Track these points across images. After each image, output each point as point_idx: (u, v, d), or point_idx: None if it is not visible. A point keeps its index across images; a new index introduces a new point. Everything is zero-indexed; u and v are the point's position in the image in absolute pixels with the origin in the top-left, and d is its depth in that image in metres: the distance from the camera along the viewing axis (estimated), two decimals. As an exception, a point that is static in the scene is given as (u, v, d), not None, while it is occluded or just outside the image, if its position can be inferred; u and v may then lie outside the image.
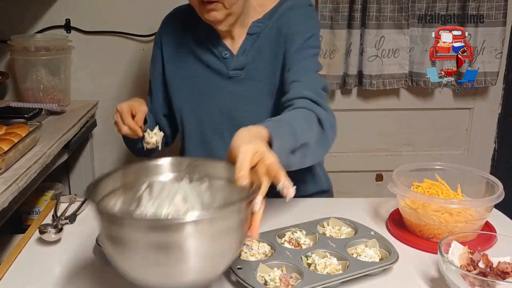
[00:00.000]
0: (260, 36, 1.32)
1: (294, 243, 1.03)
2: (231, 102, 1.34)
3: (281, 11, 1.32)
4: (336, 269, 0.94)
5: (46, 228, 1.05)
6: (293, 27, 1.30)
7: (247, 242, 1.01)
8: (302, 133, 1.03)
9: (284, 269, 0.94)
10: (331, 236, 1.07)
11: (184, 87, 1.38)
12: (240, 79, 1.33)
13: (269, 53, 1.31)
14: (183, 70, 1.38)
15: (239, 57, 1.33)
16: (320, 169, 1.46)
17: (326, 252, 0.99)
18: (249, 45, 1.32)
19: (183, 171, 0.93)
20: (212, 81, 1.35)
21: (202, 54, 1.36)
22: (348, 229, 1.09)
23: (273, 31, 1.31)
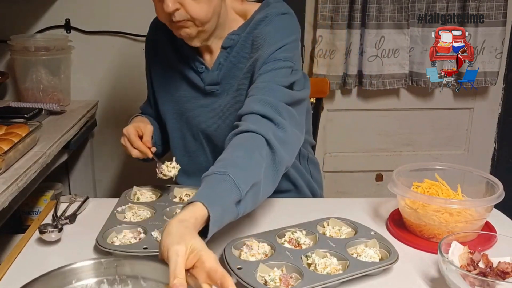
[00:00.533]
0: (234, 49, 1.27)
1: (294, 243, 1.03)
2: (206, 117, 1.32)
3: (254, 22, 1.25)
4: (336, 269, 0.94)
5: (46, 228, 1.05)
6: (262, 39, 1.22)
7: (247, 242, 1.01)
8: (246, 177, 0.95)
9: (284, 269, 0.94)
10: (331, 236, 1.07)
11: (166, 97, 1.37)
12: (217, 94, 1.30)
13: (244, 67, 1.26)
14: (165, 82, 1.37)
15: (214, 71, 1.28)
16: (302, 178, 1.40)
17: (326, 252, 0.99)
18: (224, 59, 1.27)
19: (102, 274, 0.84)
20: (190, 95, 1.33)
21: (182, 67, 1.33)
22: (348, 229, 1.09)
23: (247, 43, 1.26)
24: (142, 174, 2.24)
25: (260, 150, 1.03)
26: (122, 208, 1.15)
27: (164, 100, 1.38)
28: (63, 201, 1.24)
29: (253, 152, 1.01)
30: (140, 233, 1.06)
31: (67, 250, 1.05)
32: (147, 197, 1.24)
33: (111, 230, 1.06)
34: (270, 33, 1.21)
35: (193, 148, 1.37)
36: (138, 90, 2.09)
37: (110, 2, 2.03)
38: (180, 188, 1.27)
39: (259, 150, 1.02)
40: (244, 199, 0.95)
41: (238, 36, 1.26)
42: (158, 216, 1.12)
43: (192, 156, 1.38)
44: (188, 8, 1.15)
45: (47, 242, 1.06)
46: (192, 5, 1.15)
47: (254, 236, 1.03)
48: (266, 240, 1.02)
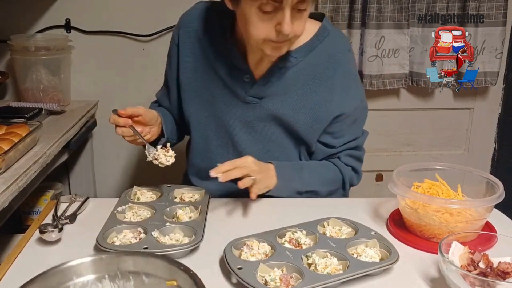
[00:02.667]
0: (289, 71, 1.25)
1: (295, 243, 1.03)
2: (238, 126, 1.31)
3: (319, 54, 1.25)
4: (337, 269, 0.94)
5: (46, 228, 1.05)
6: (340, 87, 1.27)
7: (247, 242, 1.01)
8: (310, 184, 1.31)
9: (285, 269, 0.94)
10: (332, 236, 1.07)
11: (196, 97, 1.33)
12: (255, 106, 1.28)
13: (294, 91, 1.26)
14: (198, 80, 1.32)
15: (261, 86, 1.26)
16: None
17: (327, 252, 0.99)
18: (276, 77, 1.25)
19: (103, 270, 0.87)
20: (226, 99, 1.30)
21: (221, 69, 1.29)
22: (348, 229, 1.09)
23: (306, 72, 1.26)
24: (142, 174, 2.25)
25: (337, 184, 1.37)
26: (122, 208, 1.15)
27: (192, 99, 1.34)
28: (63, 201, 1.24)
29: (330, 181, 1.35)
30: (140, 233, 1.06)
31: (67, 250, 1.05)
32: (147, 197, 1.24)
33: (111, 230, 1.06)
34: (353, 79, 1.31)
35: (216, 152, 1.35)
36: (138, 90, 2.09)
37: (110, 2, 2.03)
38: (180, 189, 1.27)
39: (335, 183, 1.36)
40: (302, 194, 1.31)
41: (296, 59, 1.25)
42: (158, 216, 1.12)
43: (213, 159, 1.33)
44: (296, 27, 1.11)
45: (47, 242, 1.06)
46: (300, 23, 1.12)
47: (254, 236, 1.03)
48: (267, 240, 1.02)
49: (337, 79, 1.27)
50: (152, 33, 2.06)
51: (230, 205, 1.27)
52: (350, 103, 1.30)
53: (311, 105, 1.28)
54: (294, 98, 1.27)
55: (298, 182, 1.29)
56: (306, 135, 1.31)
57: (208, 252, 1.04)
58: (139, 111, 1.20)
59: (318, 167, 1.34)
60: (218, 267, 0.99)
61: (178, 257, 1.01)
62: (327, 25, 1.29)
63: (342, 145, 1.34)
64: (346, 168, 1.36)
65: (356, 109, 1.32)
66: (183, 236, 1.06)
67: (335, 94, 1.28)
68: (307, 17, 1.14)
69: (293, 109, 1.28)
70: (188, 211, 1.15)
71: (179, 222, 1.10)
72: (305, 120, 1.28)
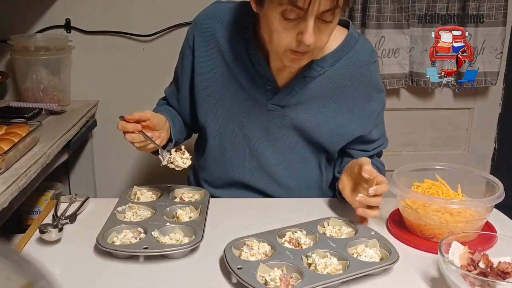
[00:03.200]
0: (314, 80, 1.22)
1: (295, 243, 1.03)
2: (258, 133, 1.27)
3: (345, 64, 1.22)
4: (337, 269, 0.94)
5: (46, 228, 1.05)
6: (368, 93, 1.27)
7: (247, 242, 1.01)
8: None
9: (285, 269, 0.94)
10: (332, 236, 1.07)
11: (212, 101, 1.27)
12: (277, 114, 1.24)
13: (319, 100, 1.24)
14: (215, 85, 1.26)
15: (284, 94, 1.22)
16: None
17: (327, 252, 0.99)
18: (300, 86, 1.22)
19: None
20: (246, 106, 1.25)
21: (242, 75, 1.23)
22: (348, 229, 1.09)
23: (331, 82, 1.23)
24: (143, 174, 2.25)
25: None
26: (122, 208, 1.15)
27: (208, 104, 1.28)
28: (63, 201, 1.24)
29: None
30: (141, 232, 1.06)
31: (67, 250, 1.05)
32: (147, 197, 1.24)
33: (112, 230, 1.06)
34: (375, 87, 1.30)
35: (232, 160, 1.32)
36: (138, 90, 2.09)
37: (110, 2, 2.03)
38: (180, 189, 1.27)
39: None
40: None
41: (322, 68, 1.21)
42: (158, 216, 1.12)
43: (228, 167, 1.33)
44: (317, 39, 1.06)
45: (47, 242, 1.06)
46: (322, 36, 1.07)
47: (254, 236, 1.03)
48: (267, 240, 1.02)
49: (360, 91, 1.26)
50: (152, 33, 2.06)
51: (230, 205, 1.27)
52: (373, 115, 1.31)
53: (334, 116, 1.26)
54: (317, 108, 1.24)
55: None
56: (328, 145, 1.29)
57: (208, 252, 1.04)
58: (146, 115, 1.14)
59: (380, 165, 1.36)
60: (218, 267, 0.99)
61: (178, 257, 1.01)
62: (354, 33, 1.25)
63: (374, 149, 1.36)
64: (379, 164, 1.37)
65: (379, 116, 1.33)
66: (183, 236, 1.06)
67: (356, 110, 1.27)
68: (333, 29, 1.09)
69: (316, 119, 1.25)
70: (188, 211, 1.15)
71: (179, 222, 1.10)
72: (327, 130, 1.26)
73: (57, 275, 0.99)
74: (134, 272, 0.97)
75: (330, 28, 1.08)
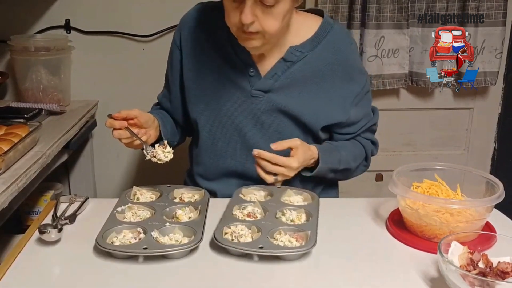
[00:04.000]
0: (295, 64, 1.29)
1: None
2: (246, 121, 1.32)
3: (324, 48, 1.29)
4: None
5: (46, 228, 1.05)
6: (349, 74, 1.32)
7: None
8: (346, 162, 1.35)
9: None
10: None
11: (201, 96, 1.34)
12: (261, 100, 1.30)
13: (299, 84, 1.29)
14: (202, 80, 1.33)
15: (267, 80, 1.29)
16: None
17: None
18: (281, 71, 1.28)
19: None
20: (231, 96, 1.31)
21: (226, 67, 1.31)
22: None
23: (312, 66, 1.29)
24: (142, 174, 2.25)
25: (361, 158, 1.42)
26: (122, 208, 1.15)
27: (197, 98, 1.34)
28: (63, 201, 1.24)
29: (358, 157, 1.41)
30: (140, 233, 1.06)
31: (66, 250, 1.05)
32: (147, 197, 1.24)
33: (111, 230, 1.05)
34: (354, 69, 1.34)
35: (223, 150, 1.35)
36: (138, 90, 2.09)
37: (110, 2, 2.03)
38: (180, 189, 1.27)
39: (361, 158, 1.42)
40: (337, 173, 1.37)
41: (302, 53, 1.29)
42: (157, 216, 1.12)
43: (220, 158, 1.36)
44: (262, 22, 1.14)
45: (47, 242, 1.06)
46: (268, 20, 1.14)
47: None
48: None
49: (339, 73, 1.31)
50: (152, 33, 2.06)
51: (229, 205, 1.27)
52: (350, 97, 1.33)
53: (315, 97, 1.30)
54: (299, 91, 1.30)
55: (337, 161, 1.34)
56: (312, 126, 1.33)
57: (207, 252, 1.04)
58: (133, 113, 1.21)
59: (348, 145, 1.39)
60: (217, 267, 0.99)
61: (178, 257, 1.01)
62: (329, 20, 1.33)
63: (359, 129, 1.40)
64: (366, 141, 1.42)
65: (357, 96, 1.35)
66: (183, 236, 1.06)
67: (335, 92, 1.31)
68: (281, 15, 1.15)
69: (299, 102, 1.30)
70: (188, 211, 1.15)
71: (179, 222, 1.10)
72: (310, 112, 1.31)
73: (57, 275, 0.99)
74: (134, 272, 0.97)
75: (276, 13, 1.14)
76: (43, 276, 0.97)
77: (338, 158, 1.34)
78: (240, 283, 0.95)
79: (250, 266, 0.99)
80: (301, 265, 1.00)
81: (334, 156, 1.33)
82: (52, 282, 0.96)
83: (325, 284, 0.95)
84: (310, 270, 0.98)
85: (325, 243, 1.05)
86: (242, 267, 0.99)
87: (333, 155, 1.33)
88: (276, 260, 1.00)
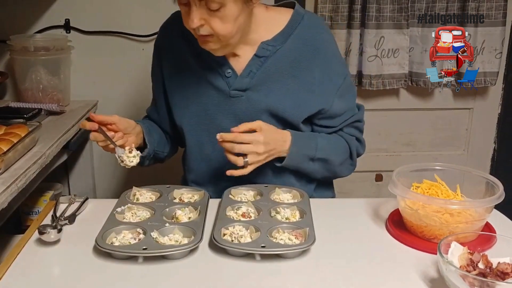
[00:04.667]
0: (269, 59, 1.28)
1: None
2: (229, 121, 1.31)
3: (295, 39, 1.28)
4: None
5: (46, 228, 1.05)
6: (315, 69, 1.29)
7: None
8: (323, 150, 1.31)
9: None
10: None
11: (184, 101, 1.35)
12: (241, 99, 1.30)
13: (276, 79, 1.29)
14: (183, 86, 1.34)
15: (243, 78, 1.29)
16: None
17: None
18: (256, 67, 1.28)
19: None
20: (212, 98, 1.32)
21: (203, 70, 1.32)
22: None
23: (286, 59, 1.28)
24: (142, 174, 2.25)
25: (345, 154, 1.37)
26: (121, 209, 1.15)
27: (181, 105, 1.35)
28: (62, 202, 1.24)
29: (341, 150, 1.36)
30: (140, 233, 1.05)
31: (66, 251, 1.05)
32: (146, 197, 1.24)
33: (111, 230, 1.05)
34: (331, 57, 1.32)
35: (210, 154, 1.36)
36: (138, 90, 2.09)
37: (109, 2, 2.03)
38: (180, 189, 1.27)
39: (345, 153, 1.37)
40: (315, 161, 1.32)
41: (274, 47, 1.28)
42: (157, 216, 1.12)
43: (208, 162, 1.37)
44: (212, 25, 1.15)
45: (46, 243, 1.06)
46: (217, 23, 1.15)
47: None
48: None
49: (316, 62, 1.29)
50: (151, 33, 2.05)
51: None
52: (332, 87, 1.32)
53: (294, 90, 1.29)
54: (277, 85, 1.29)
55: (313, 148, 1.30)
56: (293, 120, 1.31)
57: (207, 252, 1.04)
58: (112, 119, 1.22)
59: (328, 136, 1.36)
60: (217, 267, 0.99)
61: (177, 257, 1.01)
62: (300, 10, 1.32)
63: (341, 123, 1.37)
64: (350, 137, 1.38)
65: (340, 88, 1.33)
66: (182, 236, 1.06)
67: (315, 82, 1.30)
68: (230, 17, 1.15)
69: (278, 96, 1.29)
70: (188, 211, 1.15)
71: (178, 222, 1.10)
72: (290, 105, 1.30)
73: (56, 276, 0.99)
74: (133, 272, 0.97)
75: (224, 16, 1.14)
76: (43, 277, 0.97)
77: (314, 145, 1.30)
78: (240, 283, 0.95)
79: (250, 265, 0.99)
80: (301, 265, 1.00)
81: (309, 142, 1.30)
82: (51, 283, 0.96)
83: (325, 284, 0.95)
84: (310, 271, 0.98)
85: (324, 244, 1.06)
86: (242, 267, 0.99)
87: (308, 141, 1.30)
88: (276, 259, 1.00)
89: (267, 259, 1.00)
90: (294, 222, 1.10)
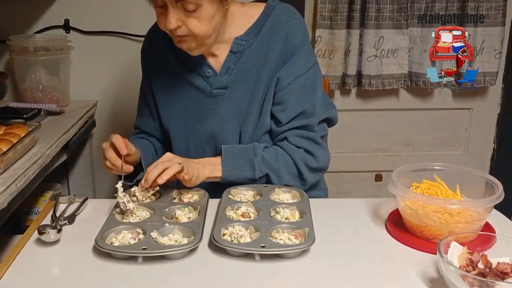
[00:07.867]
0: (244, 54, 1.30)
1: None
2: (214, 120, 1.32)
3: (266, 30, 1.28)
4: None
5: (45, 229, 1.05)
6: (281, 55, 1.28)
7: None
8: (263, 166, 1.27)
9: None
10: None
11: (169, 105, 1.36)
12: (224, 97, 1.31)
13: (253, 72, 1.30)
14: (168, 89, 1.36)
15: (222, 76, 1.31)
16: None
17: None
18: (233, 63, 1.30)
19: None
20: (196, 99, 1.33)
21: (185, 72, 1.33)
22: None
23: (259, 51, 1.29)
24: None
25: (292, 168, 1.31)
26: (121, 209, 1.15)
27: (167, 108, 1.37)
28: (62, 202, 1.24)
29: (288, 167, 1.30)
30: (139, 233, 1.05)
31: (66, 251, 1.05)
32: (146, 197, 1.24)
33: (110, 230, 1.05)
34: (296, 43, 1.28)
35: (197, 154, 1.35)
36: (137, 91, 2.08)
37: (109, 2, 2.03)
38: (179, 189, 1.27)
39: (289, 167, 1.30)
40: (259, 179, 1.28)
41: (247, 41, 1.29)
42: (157, 216, 1.12)
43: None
44: (189, 26, 1.18)
45: (46, 243, 1.06)
46: (193, 23, 1.18)
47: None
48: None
49: (282, 49, 1.28)
50: (151, 33, 2.05)
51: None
52: (293, 71, 1.29)
53: (269, 81, 1.29)
54: (255, 79, 1.30)
55: (251, 170, 1.28)
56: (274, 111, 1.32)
57: (207, 252, 1.04)
58: (131, 151, 1.24)
59: (269, 151, 1.31)
60: (217, 267, 0.99)
61: (177, 257, 1.01)
62: (272, 3, 1.32)
63: (288, 122, 1.30)
64: (296, 149, 1.30)
65: (299, 77, 1.29)
66: (182, 236, 1.06)
67: (284, 71, 1.29)
68: (206, 17, 1.17)
69: (253, 90, 1.30)
70: (187, 211, 1.15)
71: (178, 222, 1.10)
72: (261, 98, 1.30)
73: (56, 276, 0.99)
74: (133, 273, 0.97)
75: (200, 16, 1.16)
76: (42, 277, 0.97)
77: (250, 166, 1.28)
78: (240, 283, 0.95)
79: (250, 265, 0.99)
80: (301, 265, 1.00)
81: (244, 165, 1.28)
82: (51, 283, 0.96)
83: (324, 284, 0.95)
84: (309, 271, 0.98)
85: (324, 244, 1.06)
86: (241, 267, 0.99)
87: (244, 163, 1.28)
88: (276, 259, 1.00)
89: (266, 259, 1.00)
90: (294, 222, 1.10)
